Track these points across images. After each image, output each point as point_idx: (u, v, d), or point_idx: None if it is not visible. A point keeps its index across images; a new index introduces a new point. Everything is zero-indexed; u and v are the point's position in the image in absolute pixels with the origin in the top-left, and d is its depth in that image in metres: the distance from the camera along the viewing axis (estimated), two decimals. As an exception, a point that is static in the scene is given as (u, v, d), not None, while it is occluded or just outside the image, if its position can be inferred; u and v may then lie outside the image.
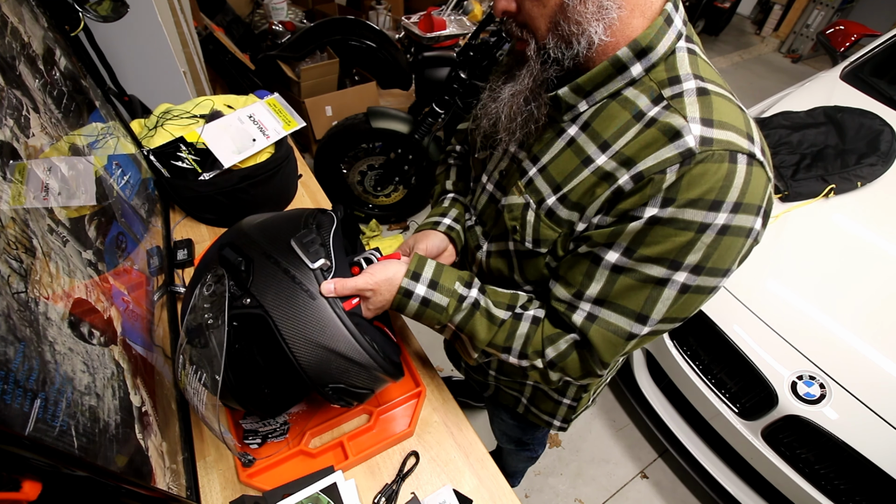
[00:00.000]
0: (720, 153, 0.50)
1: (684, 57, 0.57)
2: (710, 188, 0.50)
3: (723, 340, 1.39)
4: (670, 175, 0.51)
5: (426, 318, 0.70)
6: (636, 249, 0.56)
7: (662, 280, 0.56)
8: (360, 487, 0.76)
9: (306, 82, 2.45)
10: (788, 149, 1.74)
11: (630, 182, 0.54)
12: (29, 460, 0.38)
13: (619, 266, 0.58)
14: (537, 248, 0.66)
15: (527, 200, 0.66)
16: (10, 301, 0.43)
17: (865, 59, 2.17)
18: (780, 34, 4.73)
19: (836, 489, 1.24)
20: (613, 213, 0.57)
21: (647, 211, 0.53)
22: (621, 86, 0.58)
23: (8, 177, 0.50)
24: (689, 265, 0.54)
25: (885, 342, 1.29)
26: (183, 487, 0.70)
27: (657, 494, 1.71)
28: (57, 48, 0.78)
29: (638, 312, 0.58)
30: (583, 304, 0.62)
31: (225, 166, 1.09)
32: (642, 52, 0.55)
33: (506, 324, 0.68)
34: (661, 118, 0.54)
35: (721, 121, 0.52)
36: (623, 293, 0.59)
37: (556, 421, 0.92)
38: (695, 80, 0.55)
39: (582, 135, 0.61)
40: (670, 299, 0.57)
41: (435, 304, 0.68)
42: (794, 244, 1.50)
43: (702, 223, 0.52)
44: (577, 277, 0.62)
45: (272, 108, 1.22)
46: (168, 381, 0.80)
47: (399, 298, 0.69)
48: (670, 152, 0.52)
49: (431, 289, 0.68)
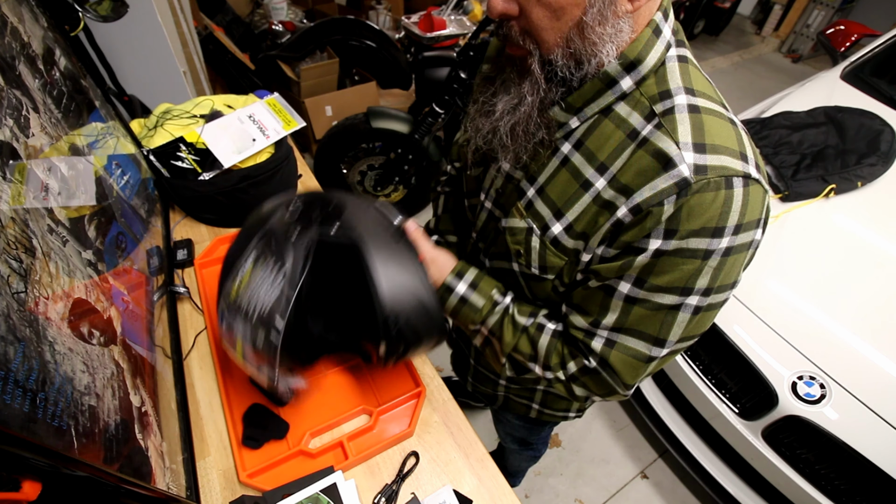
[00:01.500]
0: (716, 180, 0.50)
1: (675, 67, 0.56)
2: (710, 217, 0.51)
3: (723, 341, 1.39)
4: (668, 207, 0.51)
5: (462, 315, 0.74)
6: (646, 280, 0.56)
7: (675, 306, 0.57)
8: (360, 487, 0.76)
9: (306, 82, 2.45)
10: (788, 149, 1.74)
11: (629, 214, 0.54)
12: (29, 460, 0.38)
13: (632, 297, 0.58)
14: (544, 275, 0.66)
15: (529, 225, 0.65)
16: (10, 301, 0.43)
17: (866, 59, 2.17)
18: (781, 34, 4.74)
19: (836, 489, 1.24)
20: (617, 244, 0.57)
21: (651, 243, 0.54)
22: (612, 100, 0.56)
23: (8, 177, 0.50)
24: (700, 289, 0.55)
25: (885, 342, 1.29)
26: (183, 487, 0.70)
27: (657, 494, 1.71)
28: (57, 48, 0.78)
29: (655, 336, 0.59)
30: (600, 332, 0.62)
31: (225, 166, 1.09)
32: (631, 66, 0.54)
33: (528, 330, 0.69)
34: (653, 139, 0.53)
35: (713, 144, 0.52)
36: (639, 321, 0.59)
37: (572, 413, 0.94)
38: (685, 96, 0.54)
39: (576, 154, 0.60)
40: (685, 322, 0.58)
41: (472, 303, 0.72)
42: (795, 244, 1.50)
43: (706, 250, 0.52)
44: (593, 308, 0.62)
45: (272, 108, 1.22)
46: (168, 381, 0.80)
47: (440, 293, 0.73)
48: (665, 182, 0.51)
49: (471, 289, 0.72)
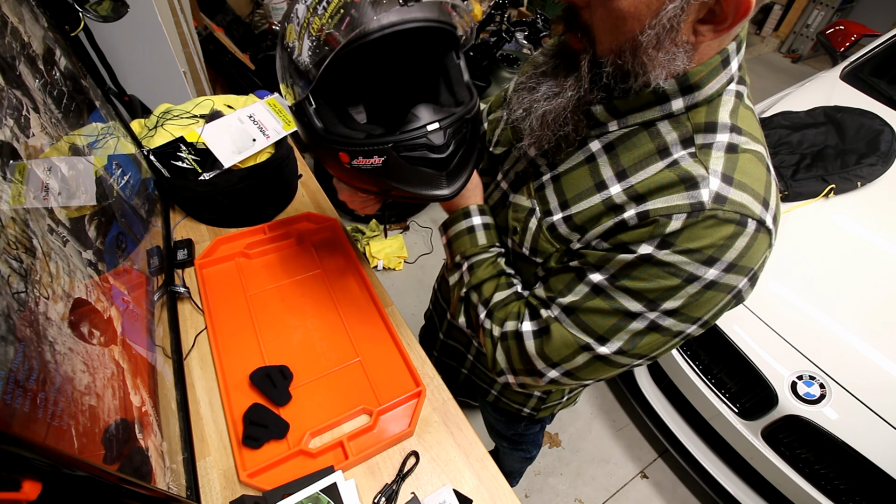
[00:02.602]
0: (730, 214, 0.50)
1: (729, 101, 0.55)
2: (710, 244, 0.50)
3: (723, 340, 1.39)
4: (675, 222, 0.51)
5: (458, 243, 0.75)
6: (620, 278, 0.56)
7: (634, 314, 0.56)
8: (360, 487, 0.76)
9: (306, 82, 2.45)
10: (788, 149, 1.74)
11: (635, 217, 0.54)
12: (29, 460, 0.38)
13: (599, 287, 0.57)
14: (533, 257, 0.67)
15: (533, 206, 0.66)
16: (10, 301, 0.43)
17: (865, 59, 2.17)
18: (780, 34, 4.73)
19: (836, 489, 1.24)
20: (612, 241, 0.57)
21: (643, 247, 0.53)
22: (657, 116, 0.55)
23: (8, 177, 0.50)
24: (666, 309, 0.54)
25: (885, 342, 1.29)
26: (183, 487, 0.70)
27: (657, 494, 1.71)
28: (57, 48, 0.78)
29: (600, 335, 0.58)
30: (554, 305, 0.62)
31: (225, 166, 1.09)
32: (688, 89, 0.53)
33: (500, 279, 0.71)
34: (684, 164, 0.53)
35: (741, 181, 0.51)
36: (593, 313, 0.58)
37: (526, 409, 0.97)
38: (730, 134, 0.53)
39: (603, 155, 0.59)
40: (634, 332, 0.57)
41: (475, 236, 0.73)
42: (794, 244, 1.50)
43: (691, 274, 0.52)
44: (558, 285, 0.62)
45: (272, 108, 1.22)
46: (168, 381, 0.80)
47: (458, 213, 0.74)
48: (681, 200, 0.51)
49: (483, 228, 0.73)
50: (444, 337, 1.02)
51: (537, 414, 0.98)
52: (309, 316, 0.98)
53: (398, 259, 2.37)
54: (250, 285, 1.02)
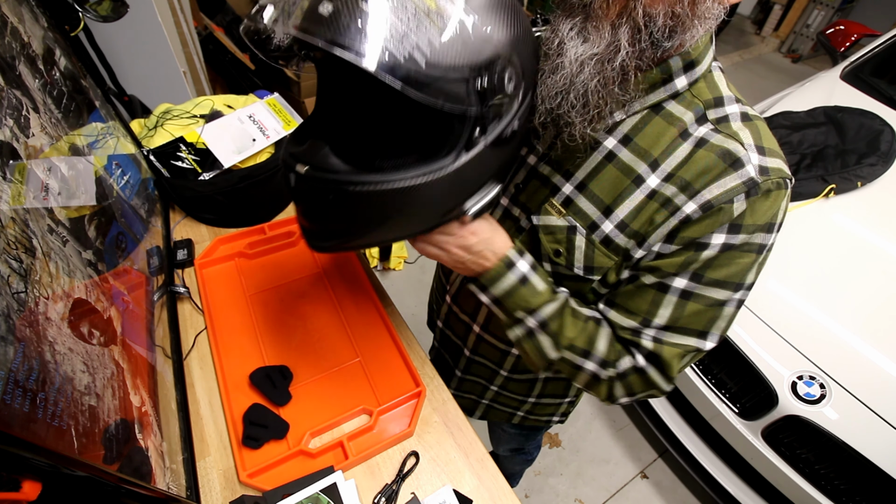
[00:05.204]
0: (777, 181, 0.54)
1: (721, 76, 0.57)
2: (771, 213, 0.54)
3: (723, 340, 1.39)
4: (738, 204, 0.53)
5: (514, 299, 0.63)
6: (704, 274, 0.56)
7: (725, 301, 0.58)
8: (360, 487, 0.76)
9: (306, 82, 2.45)
10: (788, 149, 1.74)
11: (698, 211, 0.54)
12: (29, 460, 0.38)
13: (688, 292, 0.58)
14: (589, 275, 0.63)
15: (571, 223, 0.61)
16: (10, 301, 0.43)
17: (865, 59, 2.17)
18: (780, 34, 4.73)
19: (836, 489, 1.24)
20: (678, 240, 0.56)
21: (717, 237, 0.55)
22: (663, 98, 0.56)
23: (8, 177, 0.50)
24: (747, 284, 0.57)
25: (885, 342, 1.29)
26: (183, 487, 0.70)
27: (657, 494, 1.71)
28: (57, 48, 0.78)
29: (701, 331, 0.60)
30: (649, 331, 0.61)
31: (225, 166, 1.09)
32: (690, 65, 0.54)
33: (589, 324, 0.63)
34: (714, 141, 0.55)
35: (770, 148, 0.55)
36: (691, 317, 0.59)
37: (556, 418, 0.95)
38: (737, 105, 0.57)
39: (623, 149, 0.58)
40: (729, 316, 0.59)
41: (532, 285, 0.62)
42: (794, 244, 1.50)
43: (761, 244, 0.55)
44: (642, 306, 0.60)
45: (272, 108, 1.22)
46: (168, 381, 0.80)
47: (499, 266, 0.62)
48: (734, 181, 0.53)
49: (533, 270, 0.63)
50: (463, 373, 0.93)
51: (566, 418, 0.95)
52: (309, 316, 0.98)
53: (398, 259, 2.37)
54: (250, 285, 1.02)
